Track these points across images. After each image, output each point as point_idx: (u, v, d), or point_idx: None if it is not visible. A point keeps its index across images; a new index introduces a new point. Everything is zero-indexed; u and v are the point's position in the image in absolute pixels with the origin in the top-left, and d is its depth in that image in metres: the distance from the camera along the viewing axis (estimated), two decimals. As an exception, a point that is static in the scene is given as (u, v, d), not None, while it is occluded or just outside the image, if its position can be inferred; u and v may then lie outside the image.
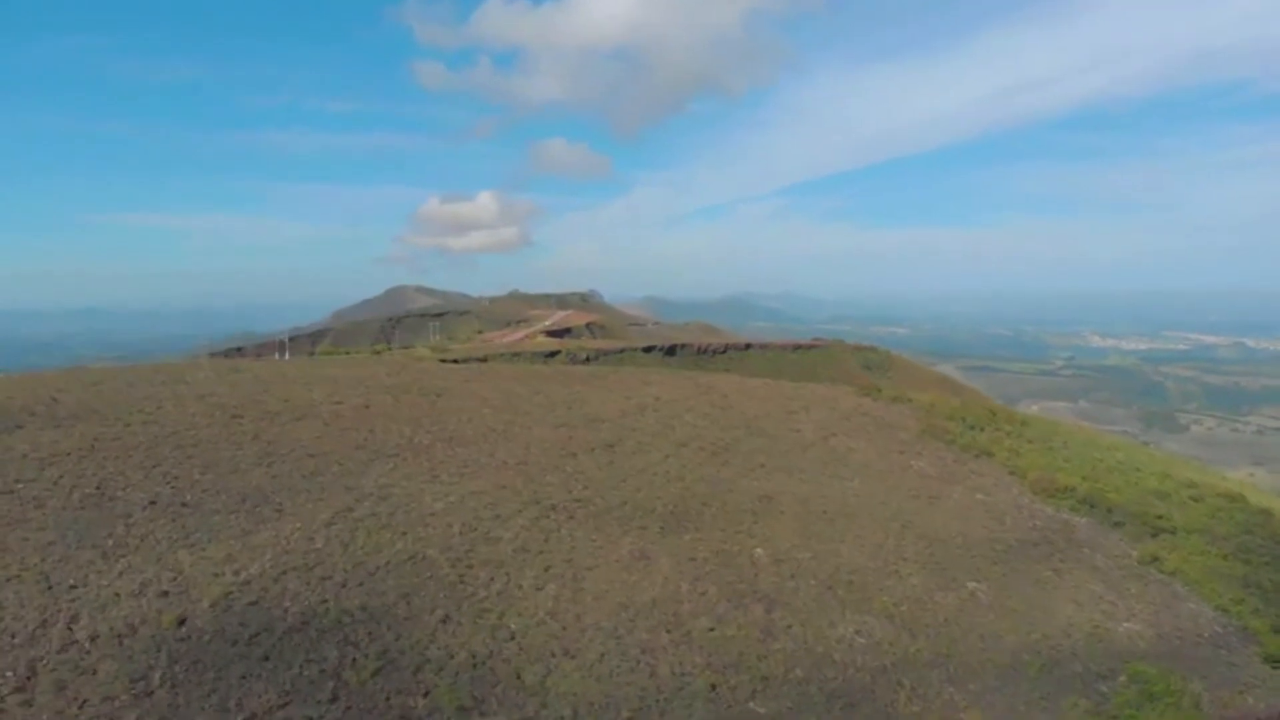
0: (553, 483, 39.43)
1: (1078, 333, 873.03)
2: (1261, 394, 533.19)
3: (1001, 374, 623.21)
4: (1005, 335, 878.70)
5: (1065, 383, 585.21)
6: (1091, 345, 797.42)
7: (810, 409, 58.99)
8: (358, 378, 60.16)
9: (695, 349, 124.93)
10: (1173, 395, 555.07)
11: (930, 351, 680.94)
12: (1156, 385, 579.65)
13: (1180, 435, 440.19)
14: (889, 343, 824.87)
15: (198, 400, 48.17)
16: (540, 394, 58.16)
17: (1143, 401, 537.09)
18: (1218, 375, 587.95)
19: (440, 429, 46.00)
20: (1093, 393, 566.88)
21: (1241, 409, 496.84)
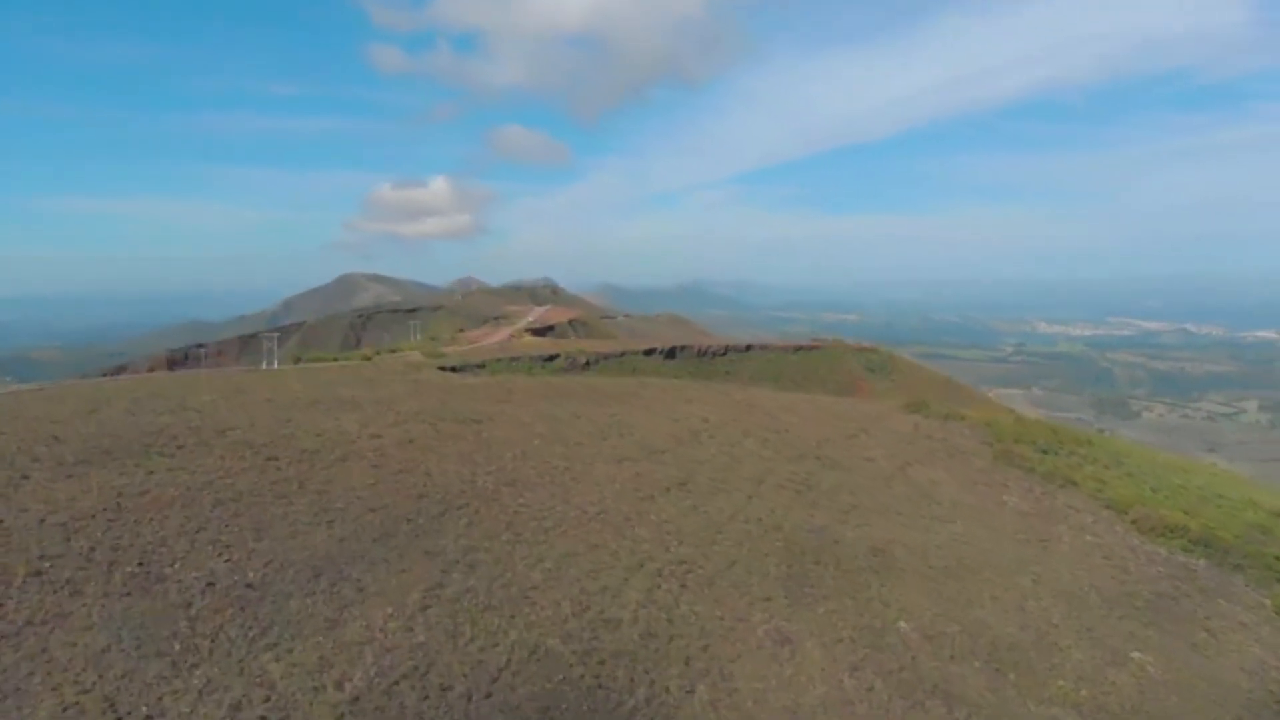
0: (645, 538, 34.85)
1: (1025, 319, 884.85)
2: (1206, 379, 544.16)
3: (954, 362, 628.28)
4: (954, 322, 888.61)
5: (1017, 369, 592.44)
6: (1039, 332, 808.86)
7: (869, 431, 55.02)
8: (380, 400, 54.92)
9: (696, 351, 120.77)
10: (1121, 381, 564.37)
11: (882, 339, 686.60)
12: (1105, 371, 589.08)
13: (1133, 422, 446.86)
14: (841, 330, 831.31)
15: (219, 436, 42.70)
16: (580, 416, 53.44)
17: (1093, 388, 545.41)
18: (1163, 361, 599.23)
19: (498, 468, 41.11)
20: (1044, 380, 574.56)
21: (1190, 395, 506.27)
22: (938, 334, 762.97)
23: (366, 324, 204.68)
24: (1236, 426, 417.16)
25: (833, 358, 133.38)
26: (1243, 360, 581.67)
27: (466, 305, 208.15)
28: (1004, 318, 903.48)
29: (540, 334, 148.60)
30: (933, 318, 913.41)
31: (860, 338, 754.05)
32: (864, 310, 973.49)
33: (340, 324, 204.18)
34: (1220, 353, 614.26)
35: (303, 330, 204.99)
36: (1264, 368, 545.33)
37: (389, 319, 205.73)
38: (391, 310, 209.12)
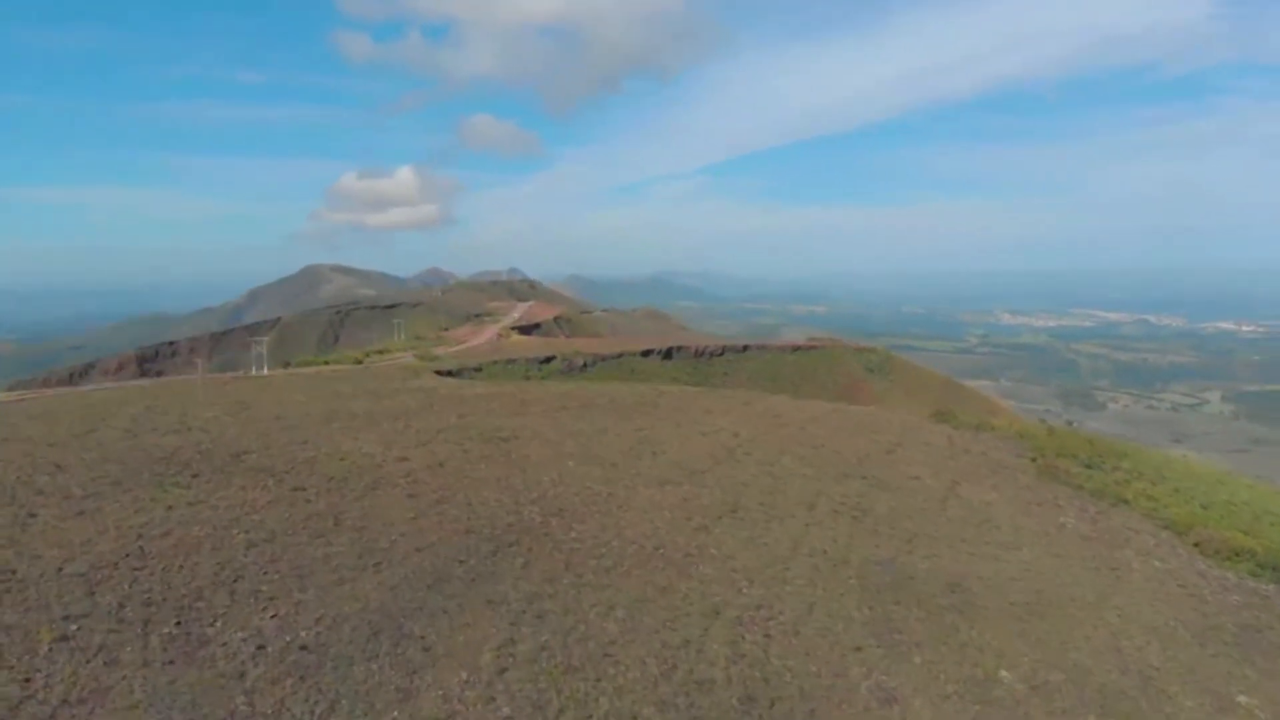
0: (711, 577, 32.33)
1: (989, 310, 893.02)
2: (1169, 370, 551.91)
3: (921, 353, 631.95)
4: (920, 313, 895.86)
5: (983, 360, 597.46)
6: (1003, 323, 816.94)
7: (905, 445, 52.88)
8: (394, 414, 51.95)
9: (693, 352, 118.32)
10: (1085, 372, 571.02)
11: (850, 330, 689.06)
12: (1070, 362, 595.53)
13: (1099, 413, 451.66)
14: (809, 321, 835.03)
15: (235, 462, 39.63)
16: (606, 431, 50.80)
17: (1058, 379, 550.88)
18: (1125, 352, 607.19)
19: (539, 495, 38.39)
20: (1010, 370, 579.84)
21: (1153, 386, 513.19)
22: (905, 325, 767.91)
23: (344, 321, 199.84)
24: (1201, 417, 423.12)
25: (831, 358, 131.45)
26: (1203, 351, 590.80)
27: (446, 302, 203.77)
28: (968, 309, 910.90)
29: (526, 332, 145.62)
30: (900, 309, 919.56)
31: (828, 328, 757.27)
32: (832, 301, 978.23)
33: (318, 321, 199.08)
34: (1181, 344, 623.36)
35: (279, 327, 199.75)
36: (1224, 359, 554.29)
37: (367, 316, 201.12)
38: (369, 307, 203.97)
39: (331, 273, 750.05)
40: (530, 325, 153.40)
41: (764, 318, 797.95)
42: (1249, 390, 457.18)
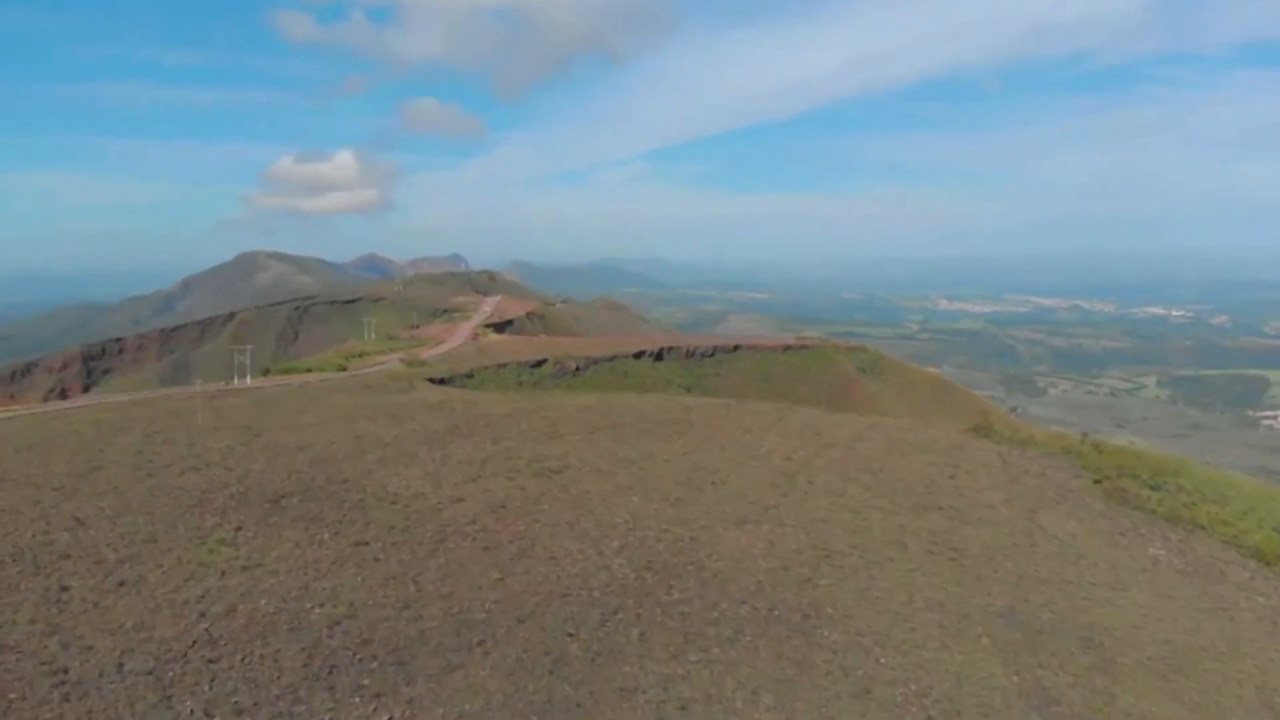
0: (841, 644, 29.11)
1: (927, 296, 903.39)
2: (1104, 355, 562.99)
3: (863, 339, 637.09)
4: (859, 300, 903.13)
5: (924, 347, 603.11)
6: (941, 309, 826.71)
7: (962, 466, 50.36)
8: (420, 437, 47.95)
9: (684, 352, 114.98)
10: (1024, 357, 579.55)
11: (792, 316, 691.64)
12: (1008, 348, 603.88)
13: (1041, 398, 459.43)
14: (752, 308, 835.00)
15: (276, 508, 35.41)
16: (653, 457, 47.37)
17: (999, 364, 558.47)
18: (1061, 337, 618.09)
19: (622, 545, 34.79)
20: (952, 356, 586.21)
21: (1090, 371, 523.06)
22: (847, 312, 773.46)
23: (303, 317, 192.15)
24: (1139, 402, 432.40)
25: (822, 358, 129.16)
26: (1136, 336, 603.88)
27: (409, 296, 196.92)
28: (908, 295, 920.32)
29: (500, 329, 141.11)
30: (840, 296, 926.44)
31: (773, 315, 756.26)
32: (775, 288, 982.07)
33: (276, 318, 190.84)
34: (1115, 329, 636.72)
35: (234, 324, 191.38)
36: (1157, 344, 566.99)
37: (327, 311, 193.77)
38: (329, 302, 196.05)
39: (268, 260, 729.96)
40: (503, 322, 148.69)
41: (710, 304, 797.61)
42: (1183, 375, 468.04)
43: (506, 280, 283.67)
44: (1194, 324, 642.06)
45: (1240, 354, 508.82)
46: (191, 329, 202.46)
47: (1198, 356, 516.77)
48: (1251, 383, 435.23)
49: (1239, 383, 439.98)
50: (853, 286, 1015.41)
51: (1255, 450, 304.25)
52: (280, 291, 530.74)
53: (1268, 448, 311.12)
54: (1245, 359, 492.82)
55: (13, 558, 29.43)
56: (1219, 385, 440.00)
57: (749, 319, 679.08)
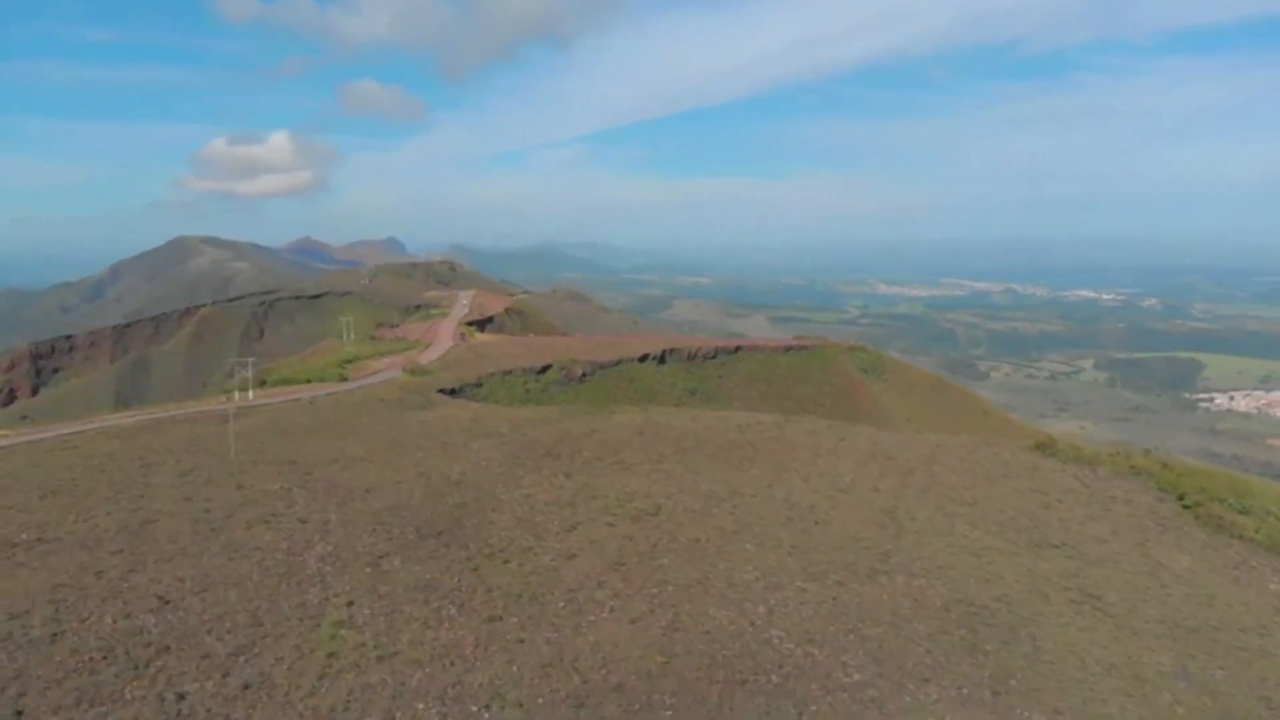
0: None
1: (865, 281, 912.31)
2: (1040, 339, 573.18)
3: (806, 324, 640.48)
4: (800, 285, 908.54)
5: (866, 331, 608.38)
6: (879, 293, 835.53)
7: (1051, 494, 48.35)
8: (489, 477, 44.28)
9: (686, 355, 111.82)
10: (963, 341, 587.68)
11: (736, 301, 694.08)
12: (948, 332, 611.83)
13: (984, 382, 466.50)
14: (695, 293, 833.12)
15: (376, 572, 31.66)
16: (739, 493, 44.34)
17: (939, 348, 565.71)
18: (998, 321, 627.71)
19: (767, 611, 31.81)
20: (893, 341, 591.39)
21: (1029, 354, 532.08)
22: (788, 296, 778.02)
23: (268, 313, 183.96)
24: (1078, 385, 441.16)
25: (824, 359, 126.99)
26: (1071, 320, 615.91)
27: (378, 291, 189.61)
28: (846, 279, 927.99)
29: (481, 327, 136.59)
30: (781, 281, 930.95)
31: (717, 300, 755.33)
32: (716, 273, 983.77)
33: (239, 314, 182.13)
34: (1049, 312, 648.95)
35: (196, 321, 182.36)
36: (1091, 327, 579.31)
37: (292, 307, 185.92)
38: (294, 297, 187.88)
39: (201, 245, 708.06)
40: (483, 320, 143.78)
41: (654, 289, 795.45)
42: (1119, 358, 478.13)
43: (466, 271, 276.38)
44: (1125, 307, 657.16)
45: (1171, 337, 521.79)
46: (145, 325, 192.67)
47: (1131, 339, 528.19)
48: (1185, 366, 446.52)
49: (1173, 365, 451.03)
50: (792, 271, 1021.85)
51: (1197, 434, 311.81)
52: (215, 278, 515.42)
53: (1208, 430, 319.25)
54: (1176, 342, 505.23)
55: (103, 654, 25.43)
56: (1154, 368, 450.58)
57: (695, 304, 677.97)
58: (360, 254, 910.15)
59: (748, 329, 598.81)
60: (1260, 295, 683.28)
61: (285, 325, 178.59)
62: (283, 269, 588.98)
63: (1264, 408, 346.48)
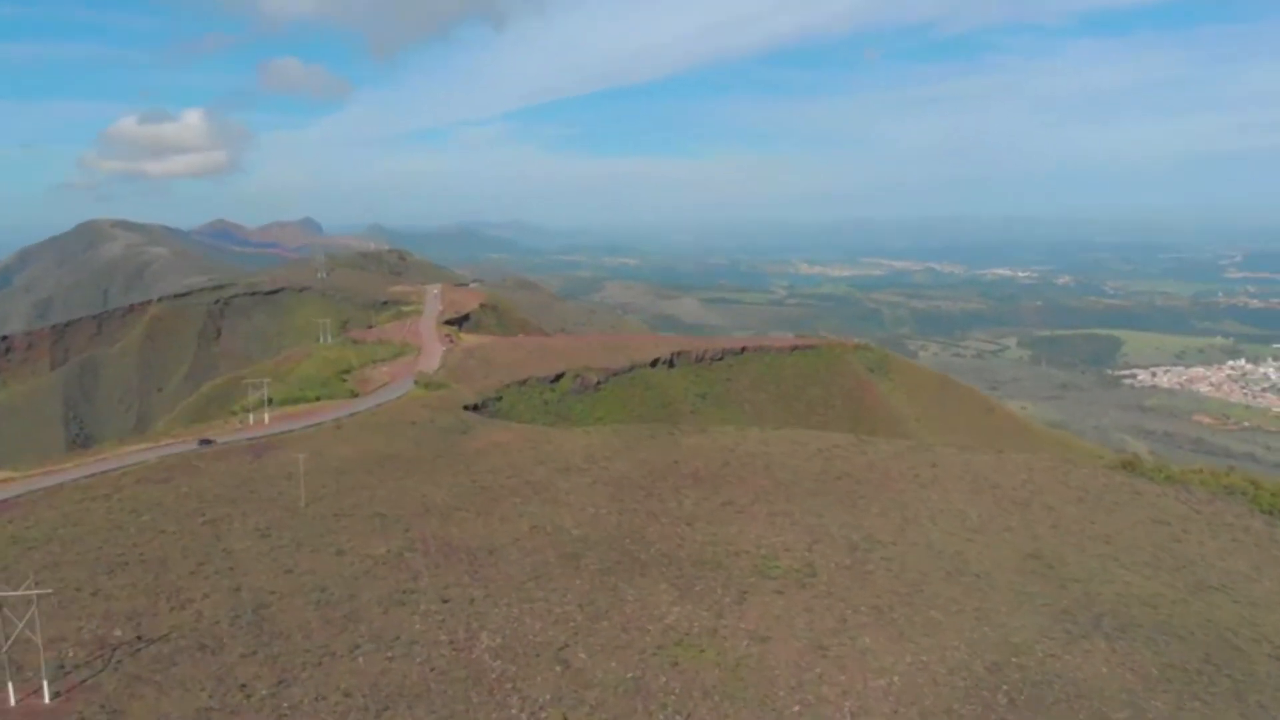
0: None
1: (788, 261, 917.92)
2: (962, 317, 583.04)
3: (737, 305, 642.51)
4: (725, 265, 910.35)
5: (794, 311, 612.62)
6: (802, 273, 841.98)
7: (1175, 525, 46.29)
8: (600, 525, 40.22)
9: (693, 357, 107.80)
10: (888, 320, 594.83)
11: (666, 283, 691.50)
12: (873, 312, 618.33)
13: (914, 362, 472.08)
14: (624, 274, 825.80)
15: (565, 670, 27.57)
16: (873, 540, 41.20)
17: (866, 328, 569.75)
18: (921, 300, 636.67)
19: (991, 678, 28.76)
20: (820, 321, 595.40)
21: (954, 333, 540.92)
22: (714, 276, 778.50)
23: (224, 311, 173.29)
24: (1005, 363, 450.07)
25: (831, 358, 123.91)
26: (990, 298, 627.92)
27: (334, 285, 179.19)
28: (769, 259, 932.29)
29: (457, 324, 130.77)
30: (706, 261, 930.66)
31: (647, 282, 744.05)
32: (643, 254, 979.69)
33: (194, 313, 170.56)
34: (969, 291, 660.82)
35: (148, 320, 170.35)
36: (1011, 305, 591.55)
37: (248, 303, 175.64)
38: (250, 293, 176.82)
39: (113, 229, 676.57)
40: (460, 318, 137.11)
41: (580, 270, 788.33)
42: (1041, 335, 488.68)
43: (416, 261, 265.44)
44: (1041, 285, 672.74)
45: (1088, 314, 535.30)
46: (86, 325, 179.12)
47: (1049, 317, 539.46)
48: (1104, 342, 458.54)
49: (1092, 342, 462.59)
50: (717, 251, 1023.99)
51: (1127, 411, 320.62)
52: (130, 264, 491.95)
53: (1136, 407, 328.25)
54: (1092, 319, 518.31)
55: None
56: (1075, 344, 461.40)
57: (626, 286, 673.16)
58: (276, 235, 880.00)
59: (680, 310, 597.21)
60: (1167, 271, 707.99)
61: (242, 323, 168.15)
62: (200, 254, 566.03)
63: (1186, 384, 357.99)
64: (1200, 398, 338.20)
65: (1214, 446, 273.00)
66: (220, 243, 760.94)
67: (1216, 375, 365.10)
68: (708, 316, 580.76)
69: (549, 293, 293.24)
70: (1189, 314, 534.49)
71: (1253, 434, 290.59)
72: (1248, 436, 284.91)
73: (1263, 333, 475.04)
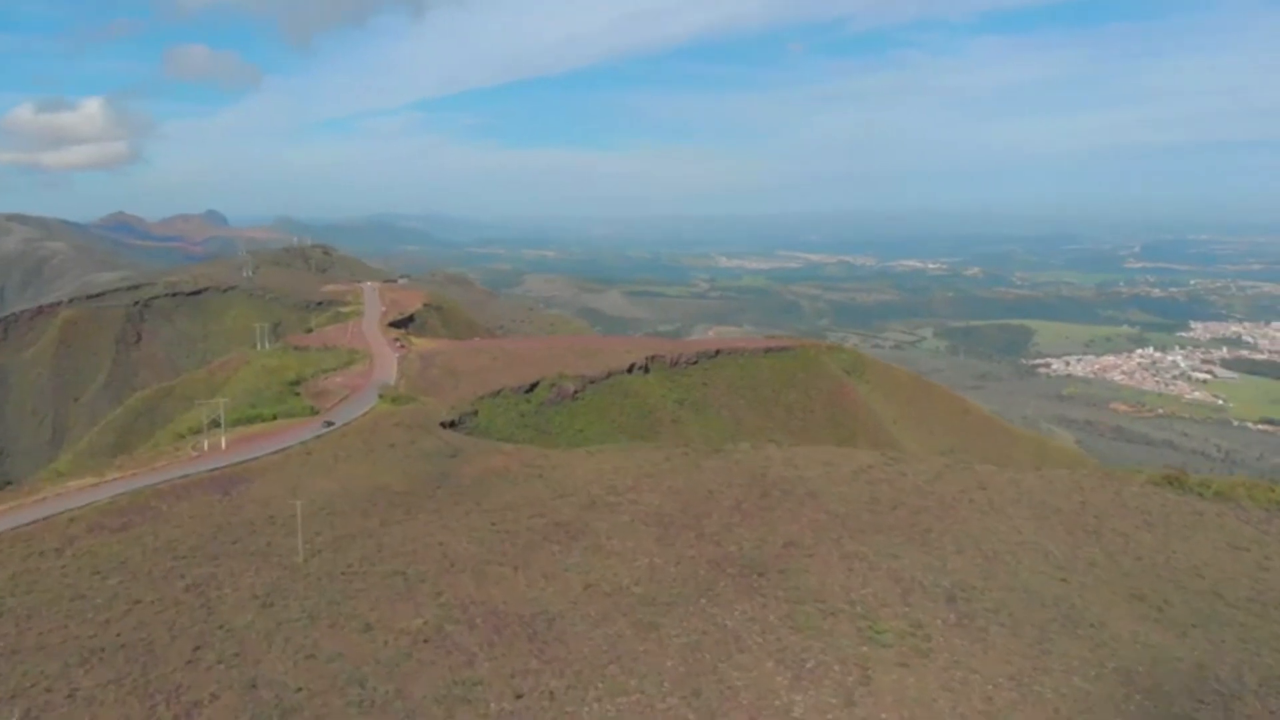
0: None
1: (707, 254, 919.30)
2: (878, 309, 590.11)
3: (661, 299, 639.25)
4: (646, 258, 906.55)
5: (716, 305, 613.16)
6: (721, 266, 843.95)
7: (1251, 549, 42.76)
8: (664, 578, 34.56)
9: (669, 361, 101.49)
10: (808, 313, 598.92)
11: (587, 276, 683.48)
12: (792, 304, 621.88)
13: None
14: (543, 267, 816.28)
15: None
16: (969, 586, 36.38)
17: (785, 320, 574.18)
18: (836, 292, 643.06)
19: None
20: (741, 314, 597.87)
21: (871, 324, 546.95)
22: (635, 270, 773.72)
23: (144, 314, 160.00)
24: (924, 354, 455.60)
25: (805, 360, 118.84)
26: (903, 289, 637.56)
27: (264, 286, 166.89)
28: (690, 253, 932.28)
29: (401, 326, 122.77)
30: (625, 254, 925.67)
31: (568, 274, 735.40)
32: (562, 246, 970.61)
33: (111, 316, 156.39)
34: (882, 283, 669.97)
35: (60, 325, 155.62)
36: (923, 296, 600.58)
37: (170, 305, 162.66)
38: (170, 294, 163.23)
39: (7, 222, 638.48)
40: (403, 319, 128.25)
41: (499, 263, 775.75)
42: (955, 326, 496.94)
43: (341, 256, 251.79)
44: (950, 276, 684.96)
45: (997, 304, 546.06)
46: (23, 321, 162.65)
47: (961, 308, 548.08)
48: (1016, 332, 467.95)
49: (1005, 332, 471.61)
50: (637, 245, 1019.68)
51: (1046, 400, 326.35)
52: (28, 259, 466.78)
53: (1054, 396, 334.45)
54: (1002, 309, 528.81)
55: None
56: (989, 335, 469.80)
57: (547, 280, 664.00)
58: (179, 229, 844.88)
59: (604, 304, 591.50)
60: (1070, 262, 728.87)
61: (164, 327, 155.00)
62: (100, 248, 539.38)
63: (1099, 372, 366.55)
64: (1114, 386, 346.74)
65: (1134, 434, 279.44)
66: (121, 236, 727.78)
67: (1128, 364, 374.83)
68: (632, 310, 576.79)
69: (481, 288, 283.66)
70: (1094, 304, 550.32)
71: (1169, 421, 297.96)
72: (1164, 424, 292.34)
73: (1165, 321, 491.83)
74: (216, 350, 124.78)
